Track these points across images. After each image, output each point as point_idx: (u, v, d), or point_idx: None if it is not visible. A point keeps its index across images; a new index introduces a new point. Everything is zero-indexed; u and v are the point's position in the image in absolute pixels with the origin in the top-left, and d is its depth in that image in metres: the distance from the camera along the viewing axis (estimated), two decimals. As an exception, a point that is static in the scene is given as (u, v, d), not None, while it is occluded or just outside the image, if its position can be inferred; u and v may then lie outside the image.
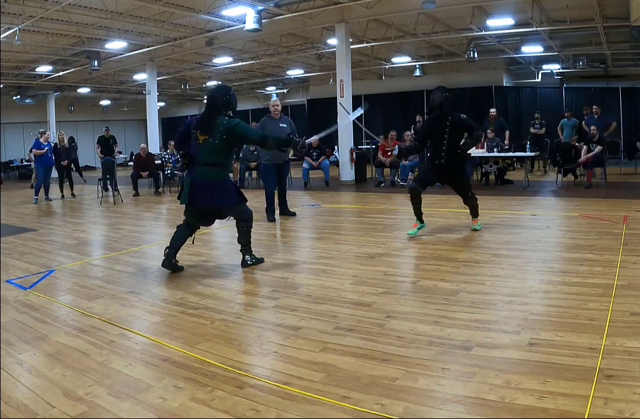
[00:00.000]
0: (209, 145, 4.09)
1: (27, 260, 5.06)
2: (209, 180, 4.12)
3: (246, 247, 4.45)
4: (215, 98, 4.17)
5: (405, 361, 2.47)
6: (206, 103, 4.30)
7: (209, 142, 4.08)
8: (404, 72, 17.00)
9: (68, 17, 9.95)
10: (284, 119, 6.99)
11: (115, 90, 19.61)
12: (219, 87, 4.58)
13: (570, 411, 1.97)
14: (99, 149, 12.53)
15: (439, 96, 5.22)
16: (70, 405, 2.17)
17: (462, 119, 5.28)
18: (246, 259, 4.45)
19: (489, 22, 10.98)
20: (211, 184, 4.13)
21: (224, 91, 4.27)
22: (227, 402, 2.17)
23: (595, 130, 9.17)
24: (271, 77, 18.76)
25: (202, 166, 4.11)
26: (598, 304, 3.11)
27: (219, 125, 4.08)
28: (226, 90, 4.31)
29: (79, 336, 2.97)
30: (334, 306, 3.33)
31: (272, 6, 9.61)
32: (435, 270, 4.10)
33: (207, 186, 4.13)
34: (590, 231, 5.34)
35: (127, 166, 18.23)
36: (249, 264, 4.43)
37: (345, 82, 11.36)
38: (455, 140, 5.33)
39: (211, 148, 4.09)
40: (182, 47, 12.91)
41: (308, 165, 11.03)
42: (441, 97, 5.21)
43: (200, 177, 4.12)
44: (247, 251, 4.46)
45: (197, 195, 4.15)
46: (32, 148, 10.44)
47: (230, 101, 4.19)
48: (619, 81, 15.63)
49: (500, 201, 7.88)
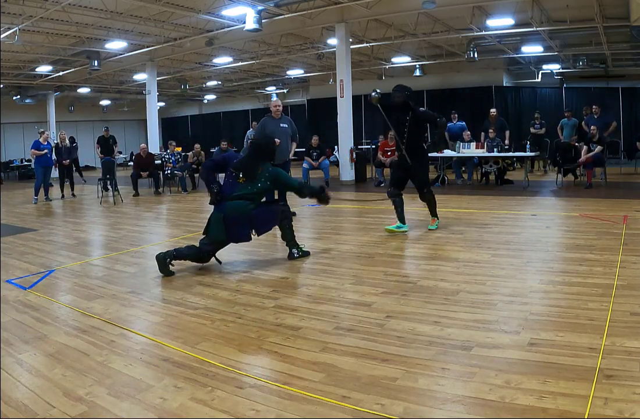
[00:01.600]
0: (249, 186, 4.32)
1: (27, 260, 5.06)
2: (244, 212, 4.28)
3: (291, 242, 4.67)
4: (263, 147, 4.47)
5: (405, 361, 2.47)
6: (251, 149, 4.51)
7: (250, 184, 4.32)
8: (404, 72, 17.00)
9: (68, 17, 9.95)
10: (285, 119, 6.99)
11: (115, 90, 19.61)
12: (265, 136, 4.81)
13: (570, 411, 1.97)
14: (98, 149, 12.52)
15: (400, 96, 5.38)
16: (70, 405, 2.17)
17: (422, 111, 5.52)
18: (292, 252, 4.66)
19: (489, 22, 10.98)
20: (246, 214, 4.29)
21: (269, 140, 4.63)
22: (227, 402, 2.17)
23: (596, 130, 9.17)
24: (271, 77, 18.76)
25: (234, 200, 4.28)
26: (598, 304, 3.10)
27: (265, 172, 4.38)
28: (270, 139, 4.69)
29: (79, 336, 2.97)
30: (334, 306, 3.33)
31: (272, 6, 9.61)
32: (435, 270, 4.11)
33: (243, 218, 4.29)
34: (590, 231, 5.34)
35: (127, 166, 18.24)
36: (295, 257, 4.65)
37: (345, 82, 11.37)
38: (415, 133, 5.51)
39: (251, 188, 4.33)
40: (182, 47, 12.91)
41: (308, 165, 11.03)
42: (402, 97, 5.38)
43: (233, 210, 4.27)
44: (292, 245, 4.68)
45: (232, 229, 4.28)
46: (31, 148, 10.36)
47: (274, 150, 4.59)
48: (619, 81, 15.62)
49: (500, 201, 7.88)
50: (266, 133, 5.07)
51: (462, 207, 7.34)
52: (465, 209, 7.15)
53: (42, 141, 10.29)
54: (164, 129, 23.03)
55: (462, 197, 8.46)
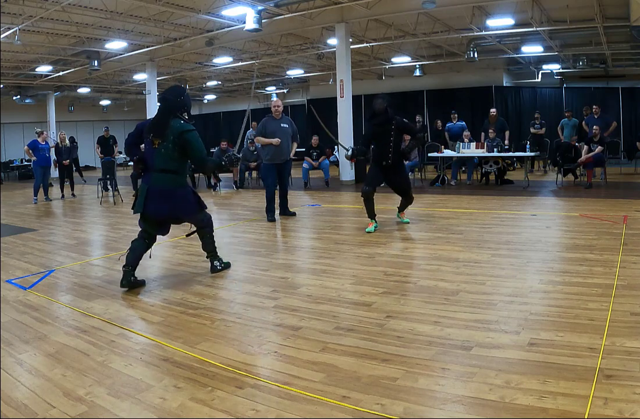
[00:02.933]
0: (164, 149, 3.83)
1: (27, 260, 5.06)
2: (166, 188, 3.87)
3: (212, 253, 4.30)
4: (169, 99, 3.90)
5: (405, 361, 2.47)
6: (159, 105, 3.97)
7: (164, 147, 3.83)
8: (404, 72, 16.99)
9: (68, 17, 9.95)
10: (285, 119, 7.01)
11: (115, 90, 19.61)
12: (173, 87, 4.21)
13: (570, 411, 1.97)
14: (98, 149, 12.51)
15: (381, 104, 5.63)
16: (70, 405, 2.17)
17: (405, 122, 5.82)
18: (215, 265, 4.31)
19: (489, 22, 10.97)
20: (168, 192, 3.88)
21: (179, 91, 4.02)
22: (227, 402, 2.17)
23: (598, 130, 9.17)
24: (271, 77, 18.76)
25: (158, 173, 3.86)
26: (598, 304, 3.10)
27: (173, 128, 3.82)
28: (181, 90, 4.11)
29: (79, 336, 2.97)
30: (334, 306, 3.33)
31: (272, 6, 9.60)
32: (435, 270, 4.10)
33: (163, 194, 3.87)
34: (590, 231, 5.34)
35: (127, 166, 18.24)
36: (218, 269, 4.30)
37: (345, 82, 11.37)
38: (399, 142, 5.85)
39: (165, 153, 3.83)
40: (182, 47, 12.91)
41: (308, 165, 11.03)
42: (383, 105, 5.63)
43: (157, 184, 3.86)
44: (214, 257, 4.32)
45: (152, 204, 3.87)
46: (27, 146, 10.26)
47: (185, 102, 3.94)
48: (619, 81, 15.62)
49: (500, 201, 7.88)
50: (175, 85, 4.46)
51: (462, 207, 7.34)
52: (465, 209, 7.15)
53: (40, 141, 10.26)
54: (163, 129, 22.99)
55: (462, 197, 8.46)
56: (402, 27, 12.01)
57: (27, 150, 10.24)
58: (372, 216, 5.86)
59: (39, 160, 10.18)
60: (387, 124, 5.68)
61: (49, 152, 10.46)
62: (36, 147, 10.16)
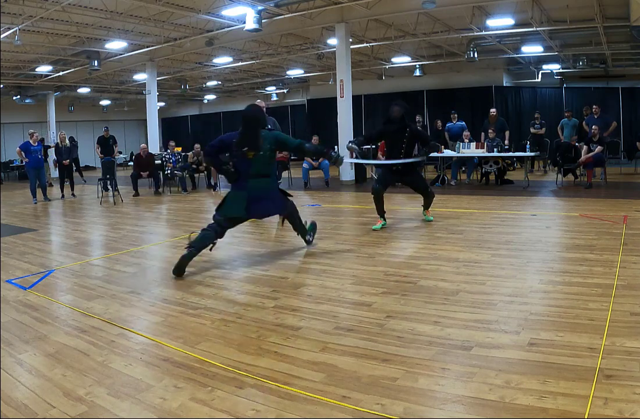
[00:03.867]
0: (261, 158, 4.43)
1: (27, 260, 5.06)
2: (265, 191, 4.51)
3: (303, 231, 5.00)
4: (256, 117, 4.53)
5: (405, 361, 2.47)
6: (246, 122, 4.48)
7: (261, 156, 4.42)
8: (404, 72, 16.98)
9: (68, 17, 9.94)
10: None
11: (115, 90, 19.60)
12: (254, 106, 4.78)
13: (570, 411, 1.97)
14: (98, 150, 12.51)
15: (398, 111, 5.79)
16: (70, 405, 2.17)
17: (420, 131, 6.16)
18: (308, 240, 5.08)
19: (489, 22, 10.97)
20: (268, 193, 4.54)
21: (260, 109, 4.70)
22: (227, 402, 2.17)
23: (597, 129, 9.17)
24: (271, 77, 18.75)
25: (257, 178, 4.45)
26: (598, 304, 3.11)
27: (265, 139, 4.44)
28: (260, 108, 4.78)
29: (79, 336, 2.97)
30: (334, 306, 3.33)
31: (272, 6, 9.60)
32: (435, 270, 4.11)
33: (265, 196, 4.51)
34: (590, 231, 5.34)
35: (127, 166, 18.24)
36: (311, 240, 5.13)
37: (345, 82, 11.36)
38: (411, 149, 6.02)
39: (262, 160, 4.44)
40: (182, 47, 12.90)
41: (308, 165, 11.03)
42: (400, 112, 5.79)
43: (258, 189, 4.45)
44: (304, 234, 5.03)
45: (254, 206, 4.45)
46: (19, 148, 10.19)
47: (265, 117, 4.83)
48: (619, 81, 15.61)
49: (500, 201, 7.88)
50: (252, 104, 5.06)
51: (462, 207, 7.34)
52: (465, 209, 7.15)
53: (32, 142, 10.17)
54: (164, 129, 23.01)
55: (462, 197, 8.45)
56: (402, 27, 12.00)
57: (19, 152, 10.16)
58: (381, 214, 5.97)
59: (31, 161, 10.09)
60: (401, 130, 5.81)
61: (41, 153, 10.39)
62: (28, 149, 10.06)
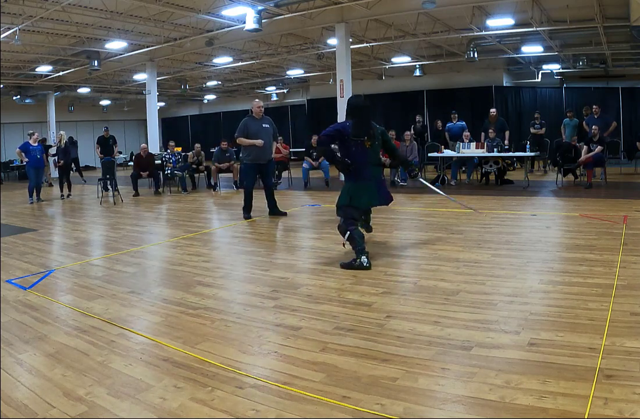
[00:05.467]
0: (376, 148, 4.54)
1: (27, 260, 5.06)
2: (381, 178, 4.74)
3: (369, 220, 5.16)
4: (368, 106, 4.57)
5: (405, 361, 2.47)
6: (360, 112, 4.47)
7: (376, 146, 4.53)
8: (404, 72, 16.98)
9: (68, 17, 9.94)
10: (266, 119, 7.15)
11: (115, 90, 19.60)
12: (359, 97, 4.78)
13: (570, 411, 1.97)
14: (98, 150, 12.50)
15: None
16: (70, 405, 2.17)
17: None
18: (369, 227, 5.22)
19: (489, 22, 10.97)
20: (383, 181, 4.79)
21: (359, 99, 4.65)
22: (227, 402, 2.17)
23: (597, 129, 9.17)
24: (271, 77, 18.75)
25: (374, 167, 4.54)
26: (598, 304, 3.11)
27: (377, 129, 4.56)
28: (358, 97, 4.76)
29: (79, 336, 2.97)
30: (334, 306, 3.33)
31: (272, 6, 9.59)
32: (435, 270, 4.11)
33: (383, 183, 4.75)
34: (590, 231, 5.34)
35: (127, 166, 18.23)
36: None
37: (345, 82, 11.37)
38: None
39: (376, 150, 4.57)
40: (182, 47, 12.90)
41: (308, 165, 11.02)
42: None
43: (378, 177, 4.63)
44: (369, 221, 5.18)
45: (380, 193, 4.60)
46: (19, 148, 10.20)
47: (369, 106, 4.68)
48: (619, 81, 15.61)
49: (500, 201, 7.88)
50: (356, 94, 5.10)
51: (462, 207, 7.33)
52: (465, 209, 7.15)
53: (32, 142, 10.19)
54: (164, 129, 23.00)
55: (462, 197, 8.44)
56: (402, 27, 12.00)
57: (18, 152, 10.19)
58: None
59: (31, 161, 10.11)
60: None
61: (41, 154, 10.41)
62: (27, 149, 10.09)
